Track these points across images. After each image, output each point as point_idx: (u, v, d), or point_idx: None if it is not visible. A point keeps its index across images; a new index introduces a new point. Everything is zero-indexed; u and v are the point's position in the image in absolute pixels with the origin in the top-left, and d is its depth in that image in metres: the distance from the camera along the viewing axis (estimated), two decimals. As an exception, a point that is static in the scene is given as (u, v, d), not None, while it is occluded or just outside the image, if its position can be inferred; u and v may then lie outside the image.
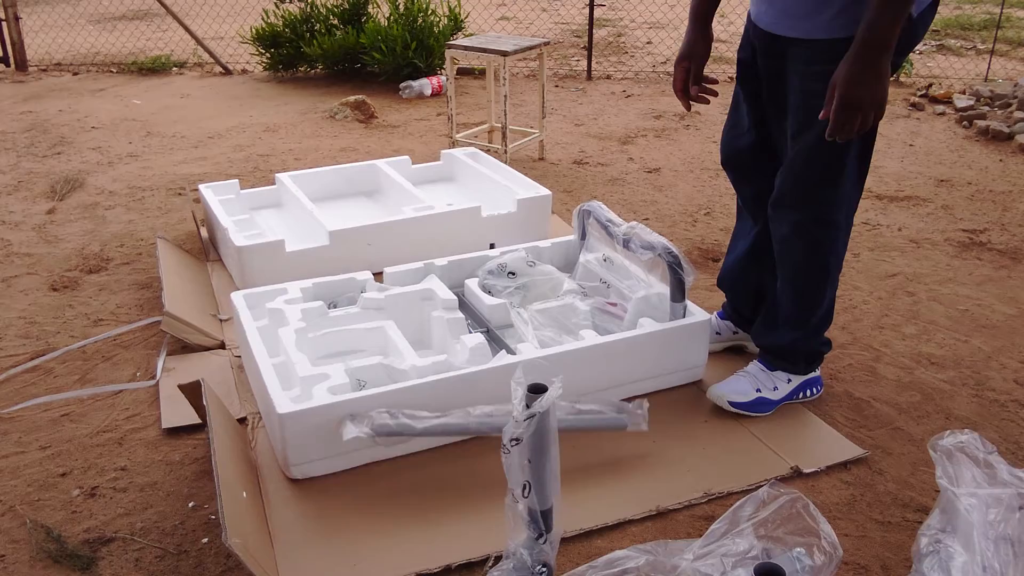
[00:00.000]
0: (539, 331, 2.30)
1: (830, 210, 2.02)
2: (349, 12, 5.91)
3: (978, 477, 1.50)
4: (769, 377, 2.20)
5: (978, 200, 3.70)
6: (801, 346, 2.19)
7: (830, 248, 2.07)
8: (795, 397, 2.23)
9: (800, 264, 2.11)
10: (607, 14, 8.51)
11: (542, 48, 4.13)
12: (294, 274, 2.67)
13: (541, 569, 1.52)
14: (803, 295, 2.14)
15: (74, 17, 8.20)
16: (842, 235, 2.08)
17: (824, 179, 1.98)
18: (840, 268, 2.15)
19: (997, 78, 5.61)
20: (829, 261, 2.09)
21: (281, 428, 1.88)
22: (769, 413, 2.19)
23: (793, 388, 2.21)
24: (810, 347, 2.21)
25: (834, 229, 2.05)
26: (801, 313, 2.16)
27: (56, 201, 3.73)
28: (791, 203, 2.05)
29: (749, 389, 2.19)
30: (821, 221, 2.03)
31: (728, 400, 2.18)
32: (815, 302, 2.14)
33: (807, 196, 2.02)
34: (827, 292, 2.14)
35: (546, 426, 1.46)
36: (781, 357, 2.21)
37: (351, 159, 4.19)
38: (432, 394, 1.99)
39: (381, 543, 1.78)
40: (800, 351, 2.20)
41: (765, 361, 2.23)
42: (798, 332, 2.17)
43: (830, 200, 2.01)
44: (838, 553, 1.36)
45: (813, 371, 2.25)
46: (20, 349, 2.55)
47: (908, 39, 1.87)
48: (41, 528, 1.84)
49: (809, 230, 2.05)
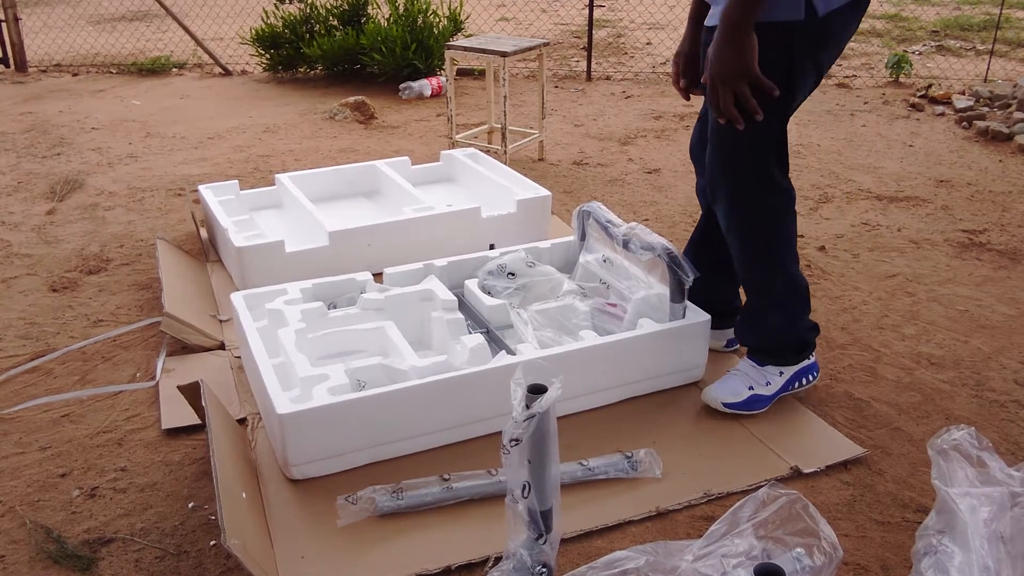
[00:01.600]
0: (539, 331, 2.30)
1: (754, 193, 2.04)
2: (349, 13, 5.91)
3: (971, 476, 1.50)
4: (760, 373, 2.20)
5: (978, 201, 3.70)
6: (782, 336, 2.18)
7: (765, 230, 2.08)
8: (790, 388, 2.22)
9: (740, 250, 2.13)
10: (607, 15, 8.51)
11: (542, 49, 4.13)
12: (294, 275, 2.68)
13: (541, 569, 1.52)
14: (754, 282, 2.16)
15: (74, 18, 8.20)
16: (775, 217, 2.07)
17: (736, 163, 2.01)
18: (789, 251, 2.13)
19: (996, 79, 5.61)
20: (770, 244, 2.09)
21: (281, 429, 1.88)
22: (765, 409, 2.19)
23: (786, 380, 2.20)
24: (793, 335, 2.18)
25: (763, 211, 2.06)
26: (759, 305, 2.17)
27: (56, 202, 3.73)
28: (715, 192, 2.09)
29: (742, 388, 2.18)
30: (749, 205, 2.05)
31: (722, 402, 2.17)
32: (769, 287, 2.14)
33: (727, 182, 2.05)
34: (777, 276, 2.12)
35: (546, 427, 1.46)
36: (766, 351, 2.20)
37: (351, 160, 4.20)
38: (432, 395, 1.99)
39: (381, 543, 1.78)
40: (783, 341, 2.19)
41: (754, 358, 2.23)
42: (768, 325, 2.17)
43: (751, 184, 2.03)
44: (838, 553, 1.36)
45: (805, 359, 2.23)
46: (20, 350, 2.55)
47: (817, 38, 1.89)
48: (41, 528, 1.84)
49: (740, 215, 2.07)
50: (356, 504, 1.83)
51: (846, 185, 3.89)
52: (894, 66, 5.74)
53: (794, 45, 1.88)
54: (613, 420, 2.18)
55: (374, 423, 1.96)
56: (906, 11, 8.29)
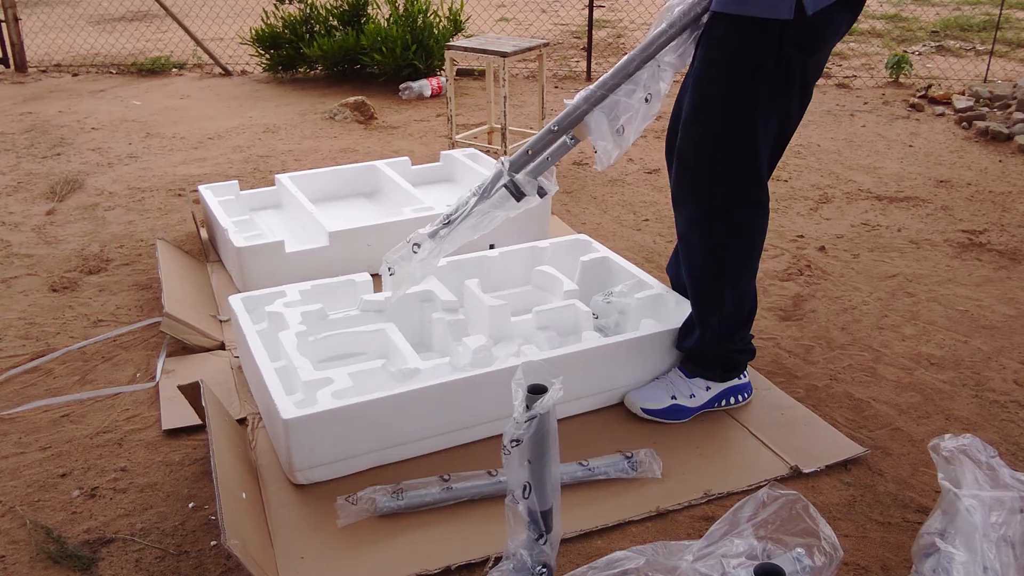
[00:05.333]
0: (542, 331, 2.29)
1: (725, 203, 1.96)
2: (349, 13, 5.91)
3: (980, 479, 1.50)
4: (687, 384, 2.15)
5: (977, 201, 3.70)
6: (712, 352, 2.11)
7: (731, 242, 2.00)
8: (716, 405, 2.17)
9: (695, 260, 2.06)
10: (606, 15, 8.51)
11: (541, 49, 4.13)
12: (294, 275, 2.68)
13: (541, 570, 1.52)
14: (700, 294, 2.08)
15: (73, 18, 8.19)
16: (745, 230, 1.99)
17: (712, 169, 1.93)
18: (748, 269, 2.06)
19: (996, 79, 5.61)
20: (727, 258, 2.01)
21: (286, 434, 1.88)
22: (686, 420, 2.14)
23: (713, 396, 2.16)
24: (722, 353, 2.12)
25: (734, 224, 1.97)
26: (701, 312, 2.09)
27: (56, 202, 3.73)
28: (681, 197, 2.02)
29: (664, 396, 2.15)
30: (719, 216, 1.97)
31: (641, 407, 2.15)
32: (712, 302, 2.06)
33: (696, 188, 1.98)
34: (727, 292, 2.05)
35: (546, 427, 1.46)
36: (696, 363, 2.16)
37: (351, 160, 4.19)
38: (437, 397, 1.99)
39: (381, 543, 1.78)
40: (712, 357, 2.12)
41: (684, 367, 2.18)
42: (704, 334, 2.10)
43: (725, 193, 1.95)
44: (838, 554, 1.36)
45: (734, 378, 2.18)
46: (20, 350, 2.55)
47: (809, 38, 1.80)
48: (41, 529, 1.84)
49: (706, 223, 1.99)
50: (356, 504, 1.83)
51: (846, 185, 3.89)
52: (894, 66, 5.74)
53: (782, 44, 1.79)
54: (613, 420, 2.18)
55: (379, 426, 1.96)
56: (906, 11, 8.29)
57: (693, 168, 1.97)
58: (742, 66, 1.83)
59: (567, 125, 1.97)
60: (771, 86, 1.84)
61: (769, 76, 1.82)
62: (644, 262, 3.07)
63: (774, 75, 1.83)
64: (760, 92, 1.84)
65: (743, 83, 1.84)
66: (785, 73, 1.83)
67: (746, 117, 1.86)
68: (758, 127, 1.88)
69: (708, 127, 1.91)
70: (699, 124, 1.92)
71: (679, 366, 2.21)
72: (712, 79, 1.87)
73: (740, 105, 1.86)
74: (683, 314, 2.28)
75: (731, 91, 1.86)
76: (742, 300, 2.09)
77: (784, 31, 1.77)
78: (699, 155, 1.95)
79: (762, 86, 1.83)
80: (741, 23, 1.79)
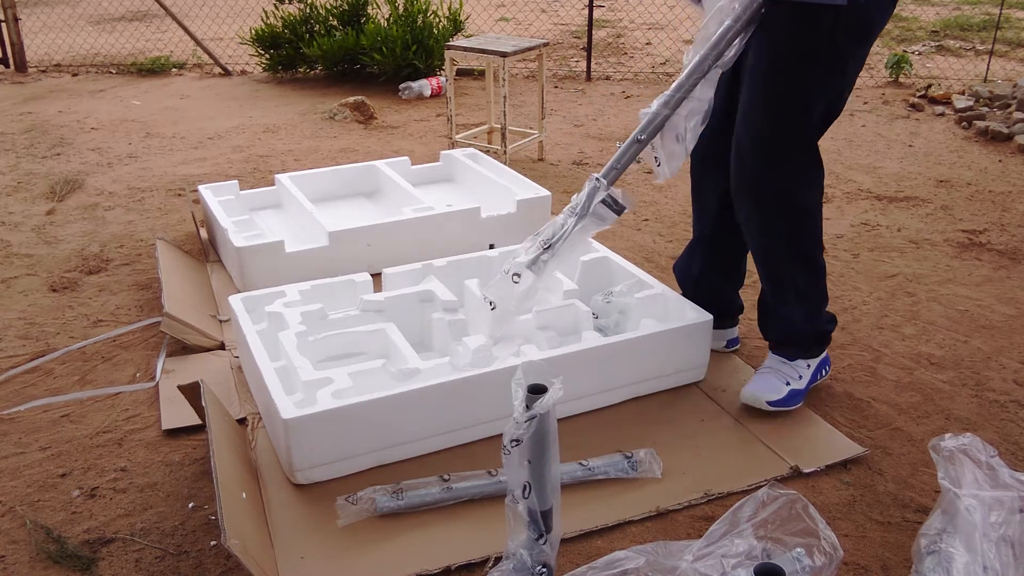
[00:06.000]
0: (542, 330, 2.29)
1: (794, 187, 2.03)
2: (348, 13, 5.91)
3: (980, 479, 1.50)
4: (792, 367, 2.21)
5: (977, 201, 3.70)
6: (807, 329, 2.20)
7: (794, 226, 2.07)
8: (816, 380, 2.25)
9: (765, 248, 2.12)
10: (606, 15, 8.51)
11: (541, 49, 4.13)
12: (294, 275, 2.68)
13: (541, 570, 1.52)
14: (779, 280, 2.15)
15: (73, 18, 8.19)
16: (808, 213, 2.07)
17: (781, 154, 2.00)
18: (817, 244, 2.14)
19: (996, 79, 5.61)
20: (797, 240, 2.09)
21: (286, 434, 1.88)
22: (799, 405, 2.20)
23: (813, 372, 2.23)
24: (816, 328, 2.21)
25: (799, 206, 2.05)
26: (785, 297, 2.17)
27: (56, 202, 3.73)
28: (743, 187, 2.06)
29: (779, 385, 2.18)
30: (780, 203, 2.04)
31: (766, 400, 2.17)
32: (793, 284, 2.14)
33: (758, 177, 2.03)
34: (802, 272, 2.13)
35: (546, 427, 1.46)
36: (794, 345, 2.22)
37: (351, 160, 4.19)
38: (437, 397, 1.99)
39: (381, 543, 1.78)
40: (808, 334, 2.21)
41: (781, 352, 2.23)
42: (794, 316, 2.17)
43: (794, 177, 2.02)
44: (838, 554, 1.36)
45: (823, 352, 2.26)
46: (20, 350, 2.55)
47: (862, 25, 1.89)
48: (41, 529, 1.83)
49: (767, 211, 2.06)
50: (356, 504, 1.83)
51: (846, 185, 3.89)
52: (894, 66, 5.74)
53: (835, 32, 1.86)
54: (613, 420, 2.18)
55: (379, 426, 1.96)
56: (906, 11, 8.29)
57: (754, 157, 2.03)
58: (799, 55, 1.90)
59: (651, 132, 2.01)
60: (823, 74, 1.92)
61: (822, 64, 1.90)
62: (644, 261, 3.07)
63: (827, 64, 1.90)
64: (814, 80, 1.91)
65: (800, 72, 1.91)
66: (837, 62, 1.91)
67: (802, 104, 1.94)
68: (813, 113, 1.96)
69: (767, 116, 1.97)
70: (757, 114, 1.98)
71: (774, 352, 2.25)
72: (771, 70, 1.94)
73: (797, 93, 1.92)
74: (682, 314, 2.28)
75: (789, 80, 1.93)
76: (818, 275, 2.17)
77: (838, 19, 1.84)
78: (759, 143, 2.00)
79: (816, 74, 1.91)
80: (799, 11, 1.84)
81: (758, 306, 2.29)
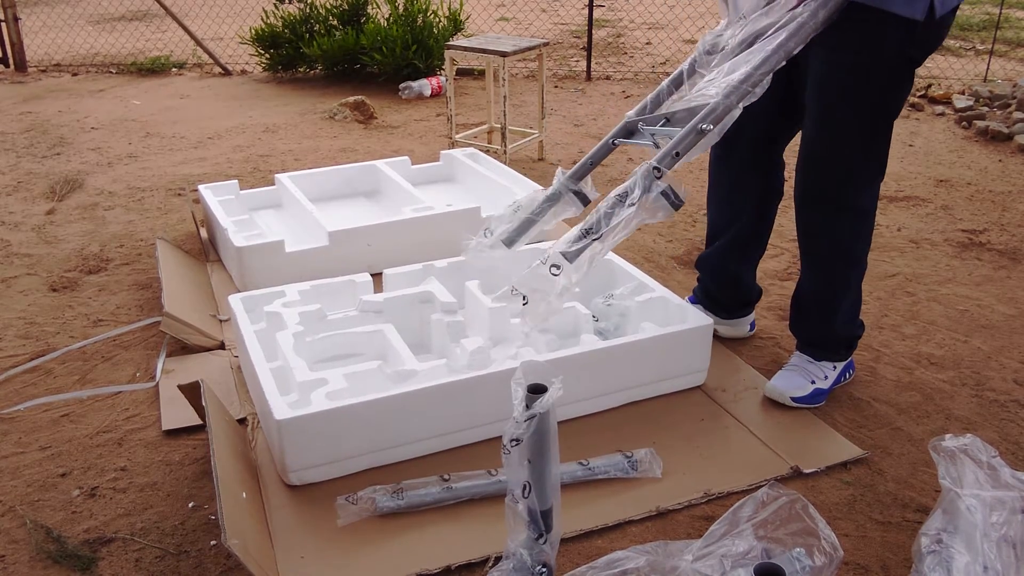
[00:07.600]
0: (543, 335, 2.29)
1: (856, 196, 2.06)
2: (349, 13, 5.91)
3: (981, 479, 1.50)
4: (818, 367, 2.23)
5: (977, 200, 3.70)
6: (841, 333, 2.23)
7: (855, 233, 2.11)
8: (839, 382, 2.28)
9: (824, 254, 2.16)
10: (606, 15, 8.50)
11: (541, 49, 4.13)
12: (293, 275, 2.67)
13: (541, 569, 1.52)
14: (830, 283, 2.18)
15: (73, 18, 8.19)
16: (867, 220, 2.12)
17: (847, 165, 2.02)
18: (868, 249, 2.18)
19: (996, 79, 5.61)
20: (855, 247, 2.13)
21: (279, 434, 1.88)
22: (822, 403, 2.22)
23: (838, 374, 2.26)
24: (849, 332, 2.25)
25: (865, 214, 2.10)
26: (831, 299, 2.19)
27: (55, 202, 3.73)
28: (811, 196, 2.09)
29: (804, 382, 2.21)
30: (846, 209, 2.07)
31: (790, 396, 2.19)
32: (844, 288, 2.18)
33: (828, 186, 2.06)
34: (854, 277, 2.18)
35: (546, 427, 1.46)
36: (824, 347, 2.24)
37: (351, 159, 4.19)
38: (432, 399, 1.99)
39: (381, 543, 1.78)
40: (841, 338, 2.24)
41: (809, 353, 2.25)
42: (833, 319, 2.20)
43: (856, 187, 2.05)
44: (838, 554, 1.36)
45: (849, 356, 2.29)
46: (20, 349, 2.55)
47: (931, 40, 1.92)
48: (41, 528, 1.83)
49: (834, 220, 2.09)
50: (356, 504, 1.83)
51: (846, 185, 3.89)
52: (894, 66, 5.73)
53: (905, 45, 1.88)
54: (613, 420, 2.18)
55: (373, 428, 1.96)
56: (906, 11, 8.28)
57: (826, 167, 2.05)
58: (872, 65, 1.91)
59: (713, 120, 1.90)
60: (890, 85, 1.94)
61: (889, 76, 1.92)
62: (644, 261, 3.07)
63: (894, 75, 1.93)
64: (884, 90, 1.94)
65: (873, 82, 1.92)
66: (902, 75, 1.95)
67: (874, 114, 1.96)
68: (880, 123, 1.99)
69: (841, 126, 1.99)
70: (833, 123, 2.00)
71: (801, 352, 2.27)
72: (845, 82, 1.94)
73: (869, 103, 1.94)
74: (683, 317, 2.28)
75: (862, 90, 1.94)
76: (861, 276, 2.20)
77: (911, 32, 1.85)
78: (832, 153, 2.03)
79: (886, 85, 1.93)
80: (877, 21, 1.84)
81: (792, 304, 2.31)
